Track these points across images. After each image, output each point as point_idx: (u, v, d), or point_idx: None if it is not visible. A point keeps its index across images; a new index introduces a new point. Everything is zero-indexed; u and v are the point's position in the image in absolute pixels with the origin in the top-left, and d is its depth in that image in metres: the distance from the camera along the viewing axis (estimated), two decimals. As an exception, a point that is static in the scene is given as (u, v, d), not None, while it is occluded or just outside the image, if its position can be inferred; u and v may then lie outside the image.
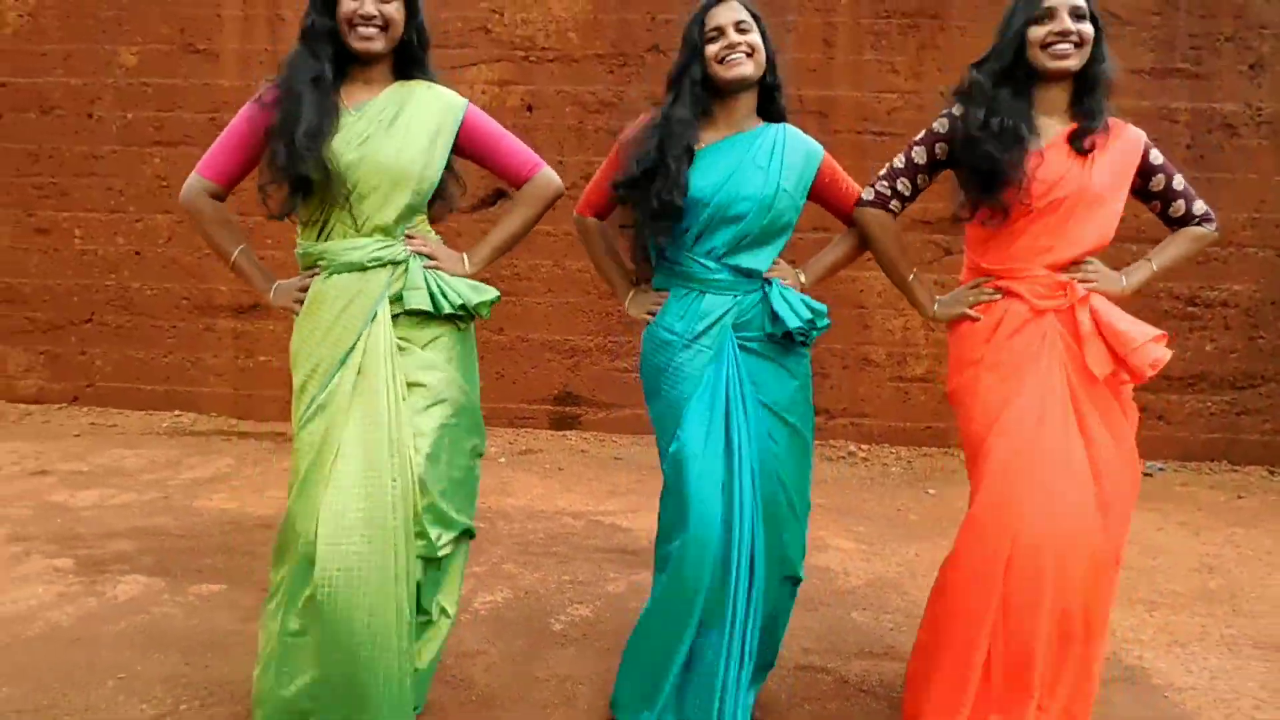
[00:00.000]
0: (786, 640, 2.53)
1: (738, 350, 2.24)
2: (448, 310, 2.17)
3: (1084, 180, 2.19)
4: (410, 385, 2.15)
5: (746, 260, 2.25)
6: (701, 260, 2.25)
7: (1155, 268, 2.36)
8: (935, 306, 2.37)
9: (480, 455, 2.35)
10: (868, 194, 2.36)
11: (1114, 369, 2.18)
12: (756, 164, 2.23)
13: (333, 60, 2.15)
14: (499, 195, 2.38)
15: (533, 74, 5.93)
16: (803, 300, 2.27)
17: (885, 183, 2.34)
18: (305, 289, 2.21)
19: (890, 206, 2.34)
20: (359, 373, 2.10)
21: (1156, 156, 2.31)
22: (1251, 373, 5.53)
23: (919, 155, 2.32)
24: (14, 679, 2.49)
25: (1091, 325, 2.18)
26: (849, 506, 4.55)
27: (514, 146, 2.32)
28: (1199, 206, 2.34)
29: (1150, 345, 2.16)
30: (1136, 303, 5.41)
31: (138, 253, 6.33)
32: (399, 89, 2.23)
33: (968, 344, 2.30)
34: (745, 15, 2.20)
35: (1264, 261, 5.48)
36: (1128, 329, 2.18)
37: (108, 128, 6.31)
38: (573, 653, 2.79)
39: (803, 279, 2.37)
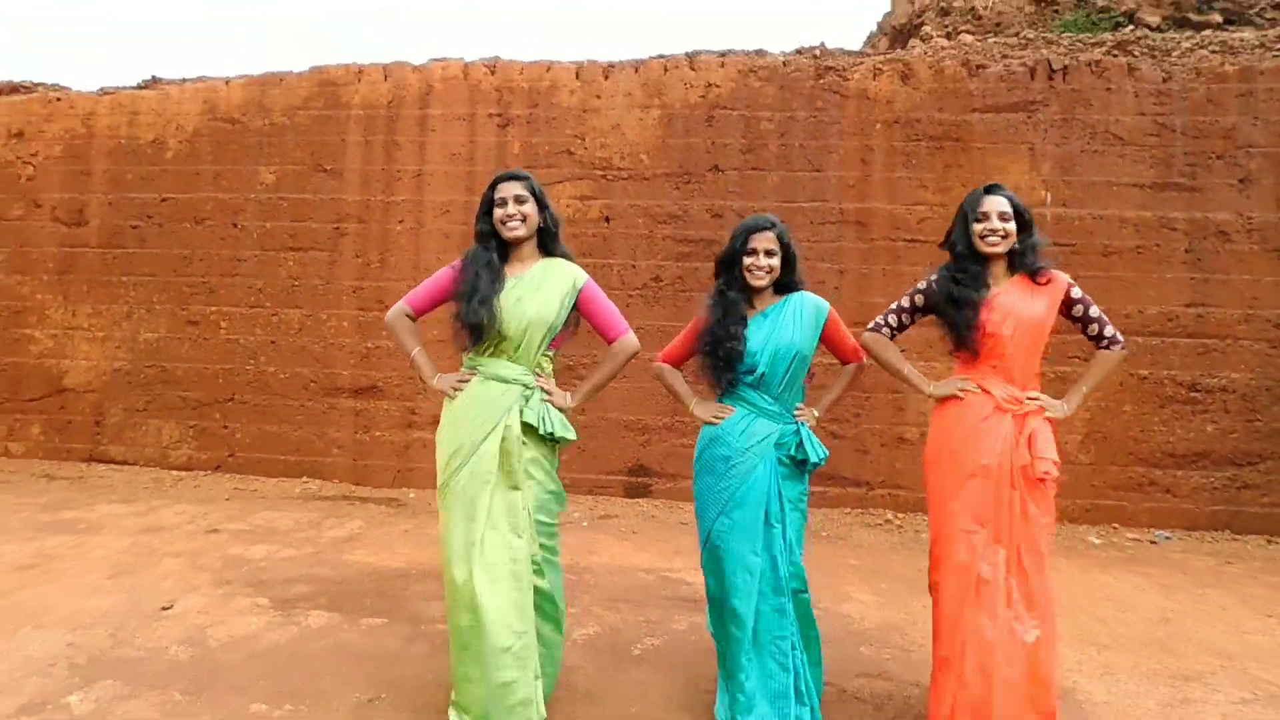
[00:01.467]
0: (804, 663, 3.80)
1: (776, 462, 3.54)
2: (544, 433, 3.52)
3: (1025, 311, 3.48)
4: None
5: (788, 388, 3.59)
6: (761, 393, 3.58)
7: (1085, 390, 3.62)
8: (930, 388, 3.65)
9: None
10: (871, 325, 3.75)
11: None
12: (785, 325, 3.58)
13: (497, 249, 3.57)
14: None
15: (610, 190, 7.41)
16: (815, 441, 3.59)
17: (883, 316, 3.73)
18: (463, 381, 3.56)
19: (882, 331, 3.72)
20: (500, 452, 3.42)
21: (1077, 293, 3.58)
22: (1250, 451, 6.60)
23: (906, 302, 3.70)
24: (265, 676, 3.91)
25: (1030, 433, 3.42)
26: (878, 567, 5.78)
27: (611, 313, 3.67)
28: (1109, 330, 3.60)
29: (1043, 461, 3.40)
30: (1145, 390, 6.60)
31: (273, 342, 7.90)
32: (545, 265, 3.61)
33: (947, 423, 3.57)
34: (775, 245, 3.56)
35: (1259, 353, 6.59)
36: (1042, 448, 3.42)
37: (249, 235, 7.98)
38: (647, 669, 4.12)
39: (815, 414, 3.67)
